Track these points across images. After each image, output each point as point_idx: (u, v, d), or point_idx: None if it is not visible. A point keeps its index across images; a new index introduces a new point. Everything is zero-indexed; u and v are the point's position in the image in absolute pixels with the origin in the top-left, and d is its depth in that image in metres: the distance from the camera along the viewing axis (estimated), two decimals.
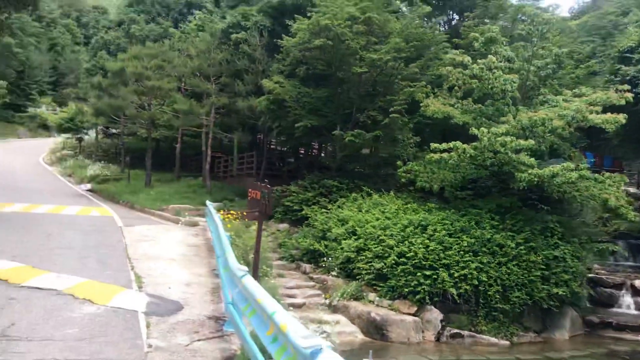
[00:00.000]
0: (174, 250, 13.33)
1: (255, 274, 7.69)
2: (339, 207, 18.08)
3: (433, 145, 16.50)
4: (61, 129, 42.21)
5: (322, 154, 31.14)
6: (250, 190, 8.56)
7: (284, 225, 20.00)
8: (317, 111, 21.14)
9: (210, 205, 17.34)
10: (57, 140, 50.52)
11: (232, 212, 16.10)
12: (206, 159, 26.98)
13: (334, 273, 15.14)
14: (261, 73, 24.31)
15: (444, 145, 16.40)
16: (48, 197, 24.44)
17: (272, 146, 38.31)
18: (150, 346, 6.19)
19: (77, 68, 78.37)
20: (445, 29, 27.51)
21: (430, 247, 14.34)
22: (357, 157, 21.02)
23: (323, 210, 18.31)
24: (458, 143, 16.03)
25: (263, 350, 5.03)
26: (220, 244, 10.54)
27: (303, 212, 19.64)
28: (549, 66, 17.81)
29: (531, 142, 14.87)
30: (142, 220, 19.10)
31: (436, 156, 16.75)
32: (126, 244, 13.61)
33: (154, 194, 24.99)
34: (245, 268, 5.92)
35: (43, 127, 64.18)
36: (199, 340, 6.55)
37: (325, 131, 21.28)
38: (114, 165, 37.11)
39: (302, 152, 34.04)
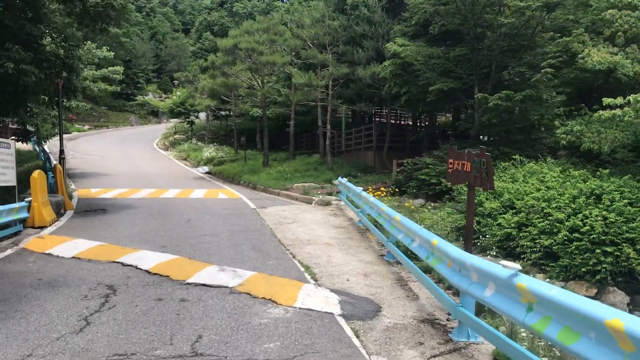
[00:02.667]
0: (323, 233, 12.02)
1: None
2: None
3: (606, 100, 14.19)
4: (173, 114, 42.66)
5: (436, 123, 29.15)
6: (451, 160, 6.92)
7: (419, 201, 18.32)
8: (450, 73, 19.15)
9: (347, 182, 15.95)
10: (167, 125, 51.58)
11: (382, 188, 14.61)
12: (325, 134, 25.72)
13: (492, 252, 13.31)
14: (381, 37, 22.48)
15: (620, 100, 14.09)
16: (170, 181, 24.23)
17: (381, 119, 36.66)
18: None
19: (179, 54, 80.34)
20: None
21: (610, 220, 12.23)
22: (499, 121, 18.79)
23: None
24: (639, 95, 13.64)
25: None
26: (393, 227, 9.04)
27: (442, 185, 17.92)
28: None
29: None
30: (271, 201, 18.09)
31: (607, 113, 14.47)
32: (271, 228, 12.48)
33: (274, 173, 24.09)
34: (518, 266, 4.30)
35: (152, 114, 66.17)
36: (433, 356, 5.02)
37: (461, 94, 19.23)
38: (225, 146, 36.91)
39: (424, 123, 32.14)
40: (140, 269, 8.31)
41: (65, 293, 6.95)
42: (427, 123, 29.91)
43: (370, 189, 14.83)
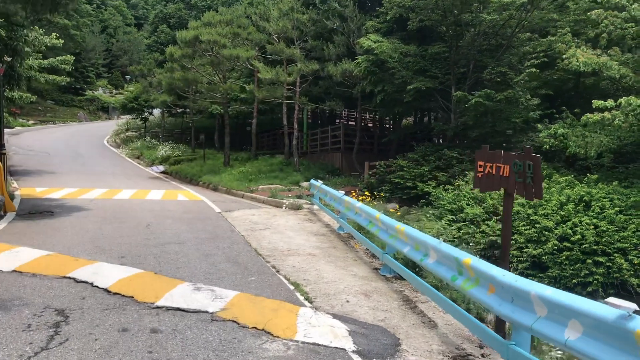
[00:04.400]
0: (302, 242, 10.81)
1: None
2: (466, 182, 15.46)
3: (596, 102, 13.60)
4: (125, 109, 40.47)
5: (402, 124, 28.46)
6: (481, 162, 5.84)
7: (392, 205, 17.35)
8: (425, 72, 18.28)
9: (323, 185, 14.81)
10: (118, 122, 49.27)
11: (366, 192, 13.53)
12: (290, 134, 24.54)
13: None
14: (353, 33, 21.44)
15: (610, 102, 13.52)
16: (123, 180, 22.56)
17: (341, 120, 35.75)
18: None
19: (131, 49, 77.58)
20: None
21: (601, 228, 11.62)
22: (476, 123, 17.98)
23: (448, 186, 15.70)
24: (632, 98, 13.07)
25: None
26: (393, 237, 7.95)
27: (418, 189, 17.08)
28: None
29: None
30: (237, 204, 16.76)
31: (594, 117, 13.91)
32: (243, 235, 11.18)
33: (237, 174, 22.71)
34: (633, 305, 3.25)
35: (102, 110, 63.30)
36: None
37: (437, 95, 18.38)
38: (181, 145, 35.18)
39: (387, 125, 31.36)
40: (97, 287, 6.91)
41: (1, 322, 5.52)
42: (390, 125, 29.16)
43: (354, 193, 13.78)
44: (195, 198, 17.79)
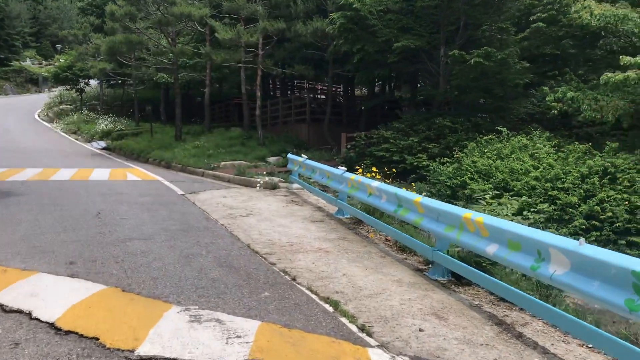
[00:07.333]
0: (302, 232, 8.59)
1: None
2: (466, 155, 13.78)
3: (624, 59, 11.99)
4: (58, 80, 36.55)
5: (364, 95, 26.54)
6: None
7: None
8: (409, 30, 16.24)
9: (308, 160, 12.62)
10: (51, 95, 45.15)
11: (374, 169, 11.46)
12: (249, 104, 22.07)
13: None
14: None
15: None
16: (60, 159, 19.66)
17: (297, 90, 33.56)
18: None
19: (60, 17, 72.14)
20: None
21: (635, 204, 10.25)
22: (468, 85, 16.06)
23: (444, 159, 13.94)
24: None
25: None
26: (453, 228, 5.89)
27: (407, 163, 15.27)
28: None
29: None
30: (200, 184, 14.35)
31: (618, 76, 12.33)
32: (223, 225, 8.86)
33: (191, 149, 20.16)
34: None
35: (31, 82, 58.17)
36: None
37: (424, 55, 16.38)
38: (123, 118, 31.93)
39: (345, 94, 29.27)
40: (38, 319, 4.49)
41: None
42: (341, 98, 27.30)
43: (361, 170, 11.70)
44: (149, 177, 15.25)
